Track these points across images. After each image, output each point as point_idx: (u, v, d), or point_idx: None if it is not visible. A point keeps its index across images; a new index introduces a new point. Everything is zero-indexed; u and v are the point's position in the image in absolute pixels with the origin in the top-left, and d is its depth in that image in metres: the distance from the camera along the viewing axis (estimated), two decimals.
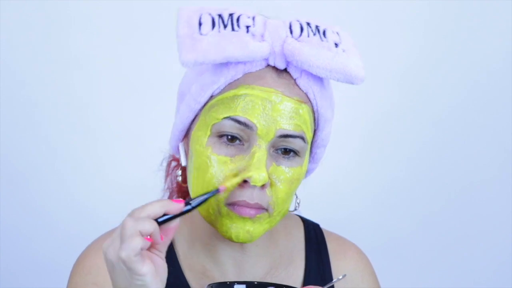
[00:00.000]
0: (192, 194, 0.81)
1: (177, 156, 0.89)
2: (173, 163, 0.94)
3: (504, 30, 1.79)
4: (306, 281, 0.90)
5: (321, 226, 0.98)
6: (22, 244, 1.76)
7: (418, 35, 1.81)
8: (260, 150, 0.75)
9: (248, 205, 0.76)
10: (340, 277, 0.77)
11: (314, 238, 0.94)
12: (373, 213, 1.83)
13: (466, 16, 1.80)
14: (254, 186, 0.75)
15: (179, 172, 0.87)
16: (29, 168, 1.77)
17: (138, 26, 1.73)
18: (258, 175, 0.74)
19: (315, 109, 0.80)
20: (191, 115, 0.81)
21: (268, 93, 0.76)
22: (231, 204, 0.77)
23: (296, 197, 0.87)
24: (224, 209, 0.77)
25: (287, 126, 0.76)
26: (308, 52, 0.75)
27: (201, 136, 0.78)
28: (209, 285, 0.75)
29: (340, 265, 0.93)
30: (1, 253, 1.74)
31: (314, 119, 0.81)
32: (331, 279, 0.91)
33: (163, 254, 0.71)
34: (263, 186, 0.76)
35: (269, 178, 0.76)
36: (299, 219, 0.97)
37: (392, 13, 1.79)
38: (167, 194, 0.97)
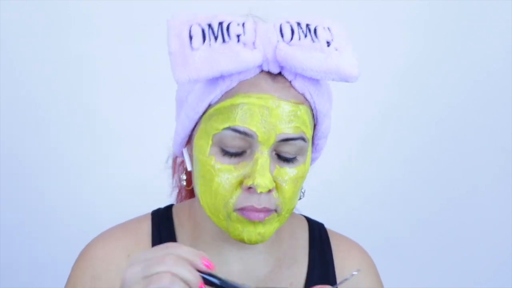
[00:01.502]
0: (201, 201, 0.81)
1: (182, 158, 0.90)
2: (179, 160, 0.95)
3: (504, 30, 1.79)
4: (309, 280, 0.90)
5: (325, 225, 0.98)
6: (25, 243, 1.76)
7: (418, 35, 1.81)
8: (263, 156, 0.76)
9: (256, 210, 0.77)
10: (355, 272, 0.77)
11: (318, 238, 0.95)
12: (373, 213, 1.83)
13: (466, 16, 1.80)
14: (261, 192, 0.76)
15: (184, 176, 0.89)
16: (28, 167, 1.77)
17: (138, 26, 1.73)
18: (263, 182, 0.74)
19: (313, 107, 0.81)
20: (191, 124, 0.82)
21: (265, 99, 0.76)
22: (240, 210, 0.78)
23: (302, 187, 0.87)
24: (234, 215, 0.78)
25: (287, 130, 0.76)
26: (301, 57, 0.75)
27: (204, 146, 0.79)
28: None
29: (343, 264, 0.94)
30: (4, 252, 1.74)
31: (313, 116, 0.82)
32: (334, 278, 0.92)
33: None
34: (269, 191, 0.77)
35: (274, 181, 0.77)
36: (304, 219, 0.98)
37: (392, 13, 1.79)
38: (176, 191, 0.98)
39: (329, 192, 1.72)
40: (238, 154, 0.77)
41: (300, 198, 0.87)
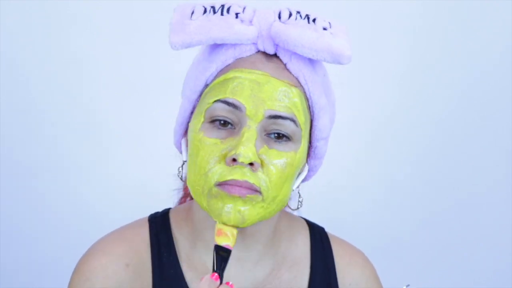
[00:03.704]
0: (188, 183, 0.81)
1: (180, 152, 0.88)
2: None
3: (505, 29, 1.79)
4: (312, 285, 0.89)
5: (326, 230, 0.97)
6: (25, 243, 1.76)
7: (420, 35, 1.80)
8: (250, 130, 0.76)
9: (237, 183, 0.75)
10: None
11: (320, 243, 0.93)
12: (373, 213, 1.83)
13: (468, 16, 1.79)
14: (244, 165, 0.75)
15: (180, 169, 0.86)
16: (28, 167, 1.77)
17: (138, 26, 1.73)
18: (245, 151, 0.74)
19: (307, 95, 0.81)
20: (189, 107, 0.83)
21: (257, 75, 0.78)
22: (220, 184, 0.76)
23: (299, 195, 0.86)
24: (214, 190, 0.76)
25: (276, 107, 0.77)
26: (293, 33, 0.76)
27: (196, 124, 0.79)
28: None
29: (345, 270, 0.93)
30: (5, 253, 1.74)
31: (309, 106, 0.81)
32: (336, 285, 0.91)
33: None
34: (252, 166, 0.75)
35: (259, 159, 0.76)
36: (305, 223, 0.96)
37: (394, 13, 1.78)
38: (180, 195, 0.96)
39: (329, 192, 1.72)
40: (227, 130, 0.77)
41: (298, 207, 0.86)
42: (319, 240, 0.93)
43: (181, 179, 0.86)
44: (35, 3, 1.71)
